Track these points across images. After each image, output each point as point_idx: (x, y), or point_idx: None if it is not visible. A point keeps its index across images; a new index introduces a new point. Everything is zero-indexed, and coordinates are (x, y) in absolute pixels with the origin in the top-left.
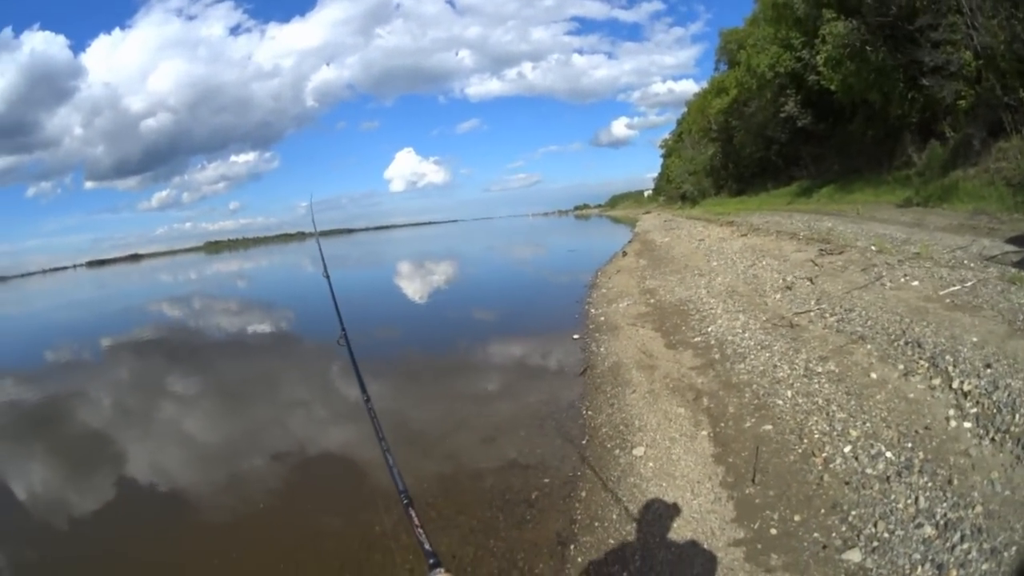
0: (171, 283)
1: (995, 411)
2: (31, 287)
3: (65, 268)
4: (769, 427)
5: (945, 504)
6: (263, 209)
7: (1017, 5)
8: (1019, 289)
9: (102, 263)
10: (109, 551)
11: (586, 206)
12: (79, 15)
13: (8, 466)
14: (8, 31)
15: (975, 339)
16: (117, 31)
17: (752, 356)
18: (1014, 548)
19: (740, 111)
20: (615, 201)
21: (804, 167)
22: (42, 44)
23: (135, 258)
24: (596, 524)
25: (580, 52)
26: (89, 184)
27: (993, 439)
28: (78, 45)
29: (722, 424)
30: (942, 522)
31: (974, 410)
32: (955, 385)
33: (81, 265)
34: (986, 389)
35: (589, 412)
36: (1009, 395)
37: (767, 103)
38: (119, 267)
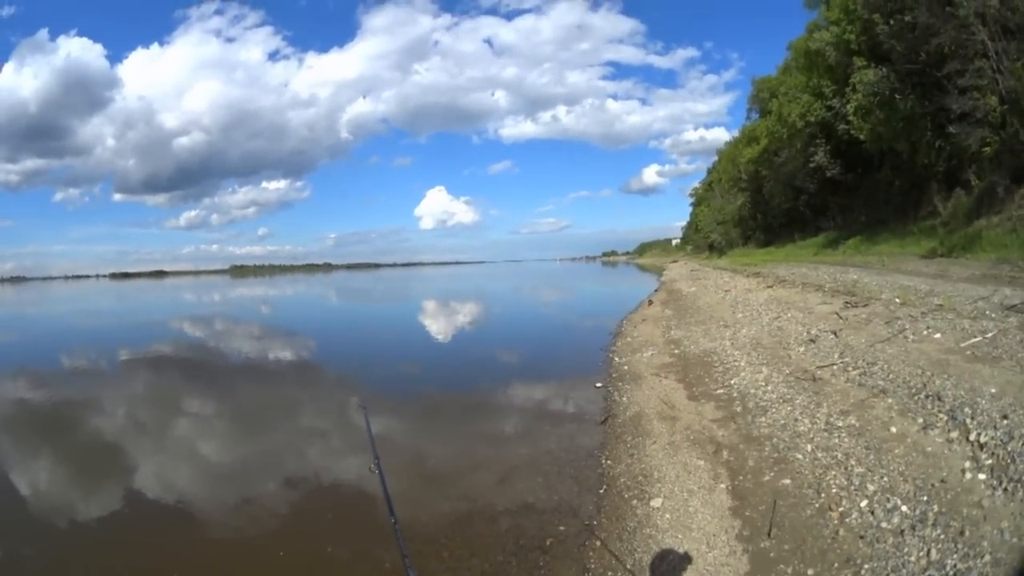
0: (194, 303)
1: (1009, 461)
2: (50, 292)
3: (88, 277)
4: (788, 481)
5: (956, 556)
6: (291, 238)
7: None
8: None
9: (126, 276)
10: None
11: (614, 253)
12: (118, 26)
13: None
14: (44, 33)
15: (993, 390)
16: (156, 46)
17: (774, 409)
18: None
19: (770, 161)
20: (643, 249)
21: (832, 218)
22: (79, 50)
23: (160, 274)
24: (609, 574)
25: (614, 97)
26: (118, 196)
27: (1006, 489)
28: (115, 56)
29: (741, 477)
30: (951, 573)
31: (989, 461)
32: (972, 437)
33: (104, 276)
34: (1002, 440)
35: (608, 461)
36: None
37: (797, 153)
38: (142, 282)
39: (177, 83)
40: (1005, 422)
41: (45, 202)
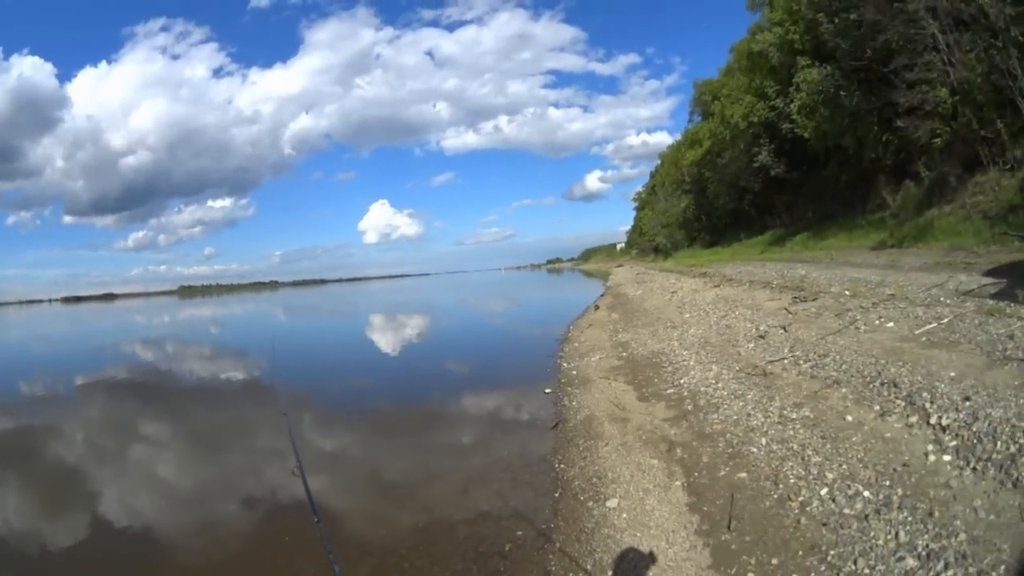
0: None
1: (975, 441)
2: (5, 319)
3: (41, 301)
4: (744, 475)
5: (927, 536)
6: (237, 256)
7: (996, 35)
8: (997, 321)
9: (78, 299)
10: None
11: (559, 260)
12: (67, 43)
13: None
14: None
15: (953, 374)
16: (103, 64)
17: (725, 406)
18: (1003, 567)
19: (713, 162)
20: (588, 255)
21: (777, 215)
22: (30, 69)
23: (109, 297)
24: (571, 575)
25: (556, 105)
26: (68, 219)
27: (975, 468)
28: (64, 75)
29: (696, 474)
30: (924, 553)
31: (953, 443)
32: (933, 421)
33: (56, 300)
34: (965, 421)
35: (562, 465)
36: (990, 424)
37: (740, 153)
38: (94, 305)
39: (124, 101)
40: (967, 404)
41: None
